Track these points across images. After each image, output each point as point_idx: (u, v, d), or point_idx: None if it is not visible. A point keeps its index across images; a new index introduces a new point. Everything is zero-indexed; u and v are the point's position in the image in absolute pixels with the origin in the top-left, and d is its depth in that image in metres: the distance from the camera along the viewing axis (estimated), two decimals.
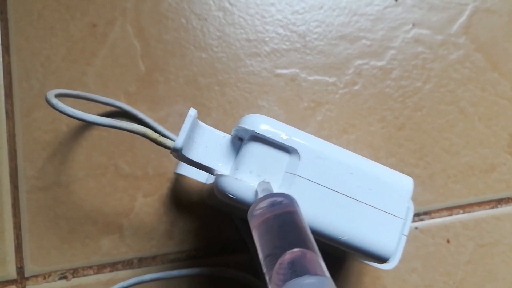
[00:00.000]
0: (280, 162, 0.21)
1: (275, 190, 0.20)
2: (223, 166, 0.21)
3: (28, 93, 0.31)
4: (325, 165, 0.21)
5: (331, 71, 0.32)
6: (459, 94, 0.33)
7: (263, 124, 0.21)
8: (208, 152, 0.21)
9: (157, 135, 0.21)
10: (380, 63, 0.33)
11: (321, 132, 0.32)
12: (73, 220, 0.29)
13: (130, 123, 0.21)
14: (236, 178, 0.20)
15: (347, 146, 0.32)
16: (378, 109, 0.32)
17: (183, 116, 0.31)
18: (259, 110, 0.31)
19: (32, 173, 0.30)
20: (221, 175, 0.20)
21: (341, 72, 0.33)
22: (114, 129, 0.30)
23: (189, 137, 0.21)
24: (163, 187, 0.30)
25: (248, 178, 0.20)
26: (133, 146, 0.30)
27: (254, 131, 0.20)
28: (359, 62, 0.33)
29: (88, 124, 0.31)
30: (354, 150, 0.31)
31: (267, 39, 0.32)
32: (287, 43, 0.32)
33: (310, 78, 0.32)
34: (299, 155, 0.21)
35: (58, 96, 0.24)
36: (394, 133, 0.32)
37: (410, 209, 0.23)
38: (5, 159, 0.30)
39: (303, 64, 0.32)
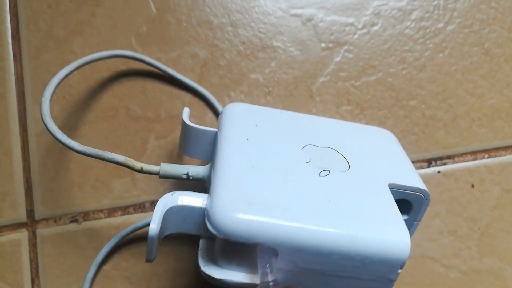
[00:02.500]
0: (258, 257, 0.18)
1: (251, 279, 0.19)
2: (204, 233, 0.20)
3: (36, 35, 0.30)
4: (305, 256, 0.18)
5: (349, 12, 0.31)
6: (484, 35, 0.31)
7: (233, 229, 0.17)
8: (188, 224, 0.19)
9: (140, 166, 0.20)
10: (399, 4, 0.31)
11: (339, 73, 0.30)
12: (83, 163, 0.28)
13: (113, 154, 0.20)
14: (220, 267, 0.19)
15: (366, 88, 0.30)
16: (398, 51, 0.31)
17: (194, 57, 0.30)
18: (274, 51, 0.30)
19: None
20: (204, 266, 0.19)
21: (359, 13, 0.31)
22: (126, 70, 0.30)
23: (163, 221, 0.19)
24: (176, 129, 0.29)
25: (229, 267, 0.19)
26: (144, 88, 0.29)
27: (225, 237, 0.17)
28: (377, 2, 0.31)
29: (99, 67, 0.30)
30: (374, 92, 0.30)
31: None
32: None
33: (328, 18, 0.31)
34: (277, 253, 0.18)
35: (58, 83, 0.23)
36: (415, 75, 0.31)
37: (427, 195, 0.22)
38: (14, 102, 0.29)
39: (320, 4, 0.31)
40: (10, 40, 0.30)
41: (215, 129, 0.23)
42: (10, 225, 0.28)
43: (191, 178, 0.21)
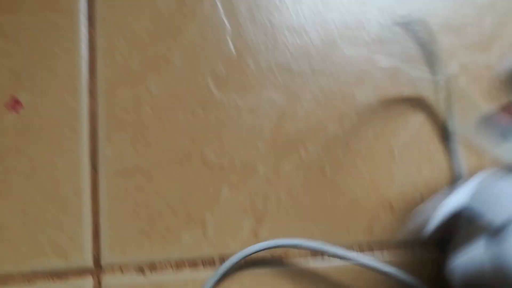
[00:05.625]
0: None
1: None
2: None
3: (112, 68, 0.28)
4: None
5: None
6: None
7: None
8: None
9: None
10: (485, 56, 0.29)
11: (420, 133, 0.28)
12: (153, 209, 0.27)
13: None
14: None
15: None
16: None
17: (272, 105, 0.28)
18: (354, 100, 0.29)
19: (113, 155, 0.28)
20: None
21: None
22: (202, 113, 0.28)
23: None
24: (250, 181, 0.28)
25: None
26: (220, 133, 0.28)
27: None
28: (464, 56, 0.29)
29: (172, 107, 0.28)
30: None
31: (366, 26, 0.29)
32: (388, 33, 0.29)
33: (411, 71, 0.29)
34: None
35: None
36: None
37: None
38: (85, 139, 0.28)
39: (404, 55, 0.29)
40: (87, 75, 0.28)
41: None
42: (76, 271, 0.27)
43: None
